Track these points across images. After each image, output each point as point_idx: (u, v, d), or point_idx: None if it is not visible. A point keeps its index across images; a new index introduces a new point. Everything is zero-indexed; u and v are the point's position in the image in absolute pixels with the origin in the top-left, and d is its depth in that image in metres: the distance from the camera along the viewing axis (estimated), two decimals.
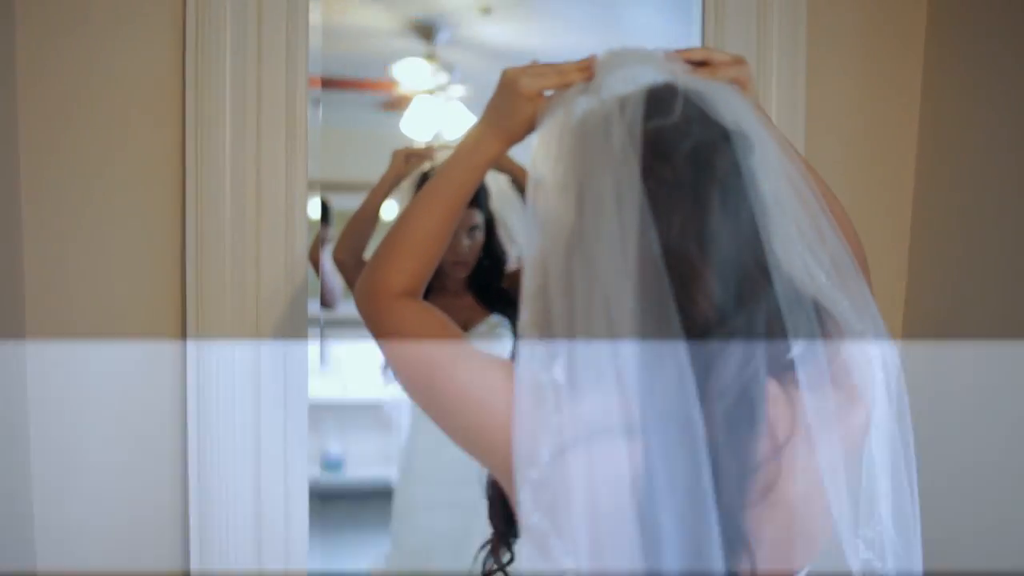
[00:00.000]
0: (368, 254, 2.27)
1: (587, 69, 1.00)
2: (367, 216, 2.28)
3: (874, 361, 0.90)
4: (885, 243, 1.87)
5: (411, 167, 2.32)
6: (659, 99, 0.87)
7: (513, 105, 1.00)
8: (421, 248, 1.03)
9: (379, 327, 1.02)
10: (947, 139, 1.82)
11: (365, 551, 2.94)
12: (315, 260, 2.36)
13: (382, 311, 1.01)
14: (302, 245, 1.65)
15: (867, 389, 0.89)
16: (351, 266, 2.27)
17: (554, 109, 0.97)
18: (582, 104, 0.93)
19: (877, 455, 0.92)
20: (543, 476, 0.85)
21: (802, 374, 0.85)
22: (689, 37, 1.86)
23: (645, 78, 0.92)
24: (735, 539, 0.82)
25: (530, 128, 1.01)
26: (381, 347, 1.02)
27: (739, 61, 1.01)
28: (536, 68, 1.01)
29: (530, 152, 0.97)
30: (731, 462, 0.81)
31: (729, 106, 0.89)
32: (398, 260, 1.02)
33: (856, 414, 0.89)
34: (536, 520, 0.86)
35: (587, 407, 0.83)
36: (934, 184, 1.84)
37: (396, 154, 2.34)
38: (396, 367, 1.01)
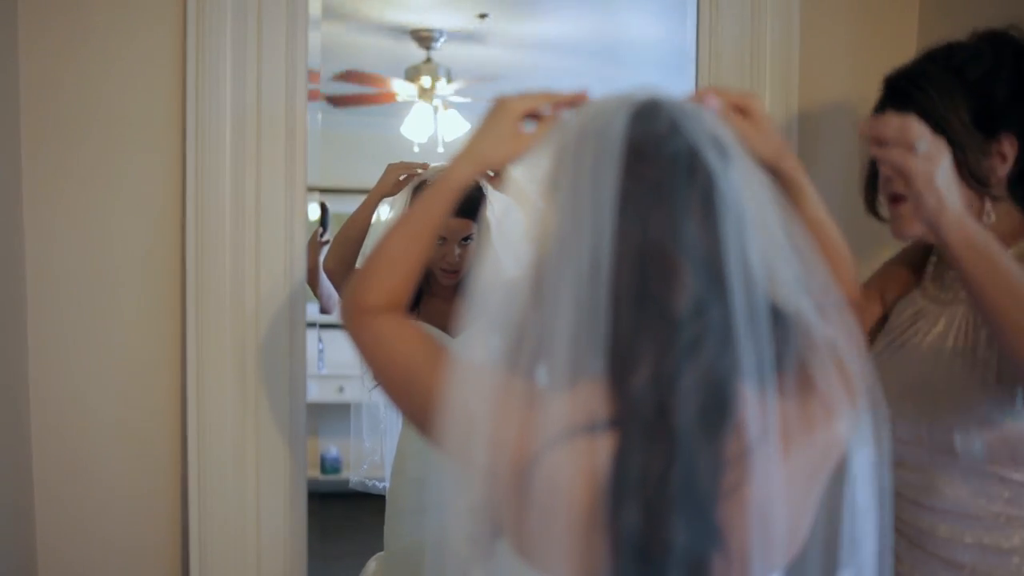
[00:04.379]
0: (359, 264, 2.29)
1: (578, 99, 1.04)
2: (357, 227, 2.30)
3: (852, 380, 0.91)
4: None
5: (400, 187, 2.33)
6: (643, 110, 0.90)
7: (498, 124, 1.04)
8: (395, 268, 1.06)
9: (359, 343, 1.06)
10: None
11: (363, 553, 2.94)
12: (311, 266, 2.38)
13: (361, 327, 1.05)
14: (301, 249, 1.67)
15: (843, 406, 0.90)
16: (341, 276, 2.28)
17: (547, 133, 1.01)
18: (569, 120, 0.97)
19: (861, 495, 0.94)
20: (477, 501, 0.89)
21: (776, 382, 0.87)
22: (684, 37, 1.88)
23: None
24: (707, 533, 0.83)
25: (507, 153, 1.04)
26: (364, 361, 1.06)
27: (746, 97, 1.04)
28: (529, 98, 1.05)
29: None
30: (702, 456, 0.83)
31: (711, 121, 0.92)
32: (374, 279, 1.06)
33: (829, 429, 0.90)
34: (459, 547, 0.90)
35: (557, 410, 0.85)
36: None
37: (389, 169, 2.35)
38: (378, 380, 1.06)
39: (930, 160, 1.03)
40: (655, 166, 0.87)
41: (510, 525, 0.90)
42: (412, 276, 1.07)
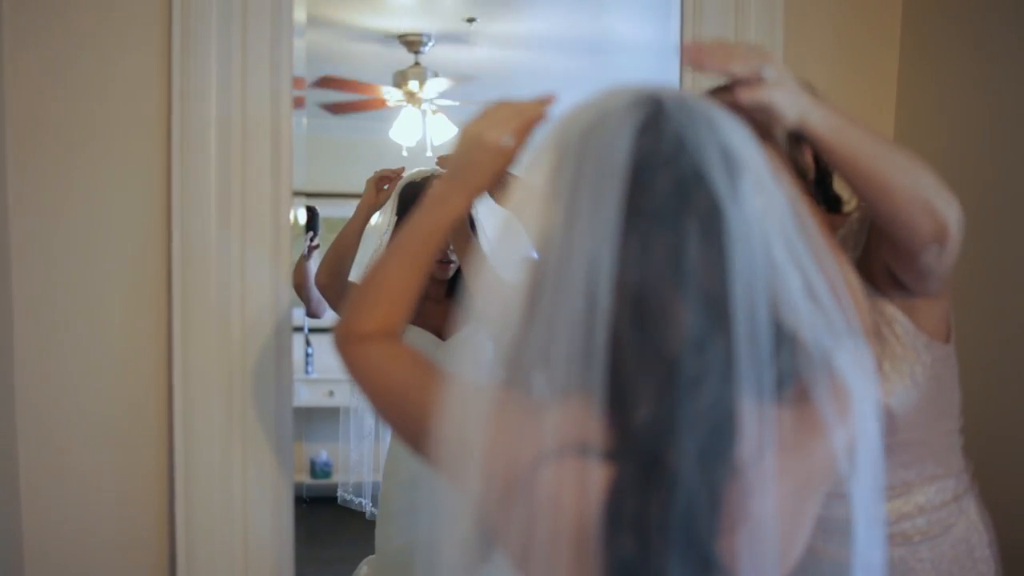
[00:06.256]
0: (351, 276, 2.31)
1: (547, 102, 1.02)
2: (347, 242, 2.34)
3: (847, 397, 0.89)
4: None
5: (383, 196, 2.37)
6: (647, 123, 0.85)
7: (480, 160, 1.02)
8: (391, 298, 1.05)
9: (352, 369, 1.05)
10: (923, 137, 1.87)
11: (354, 557, 2.95)
12: (299, 272, 2.39)
13: (355, 354, 1.04)
14: (287, 254, 1.67)
15: (836, 422, 0.88)
16: (333, 289, 2.31)
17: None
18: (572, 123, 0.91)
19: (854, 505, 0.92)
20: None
21: (776, 409, 0.85)
22: (668, 41, 1.90)
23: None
24: (704, 568, 0.82)
25: (498, 180, 1.03)
26: (358, 387, 1.05)
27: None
28: (495, 115, 1.03)
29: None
30: (700, 492, 0.80)
31: (721, 126, 0.86)
32: (369, 308, 1.05)
33: (823, 445, 0.88)
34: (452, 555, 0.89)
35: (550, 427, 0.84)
36: None
37: (368, 183, 2.38)
38: (373, 405, 1.05)
39: (780, 78, 1.02)
40: (656, 197, 0.83)
41: (503, 541, 0.88)
42: (408, 303, 1.06)
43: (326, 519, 3.52)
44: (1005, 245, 1.68)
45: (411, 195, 2.31)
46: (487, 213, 2.21)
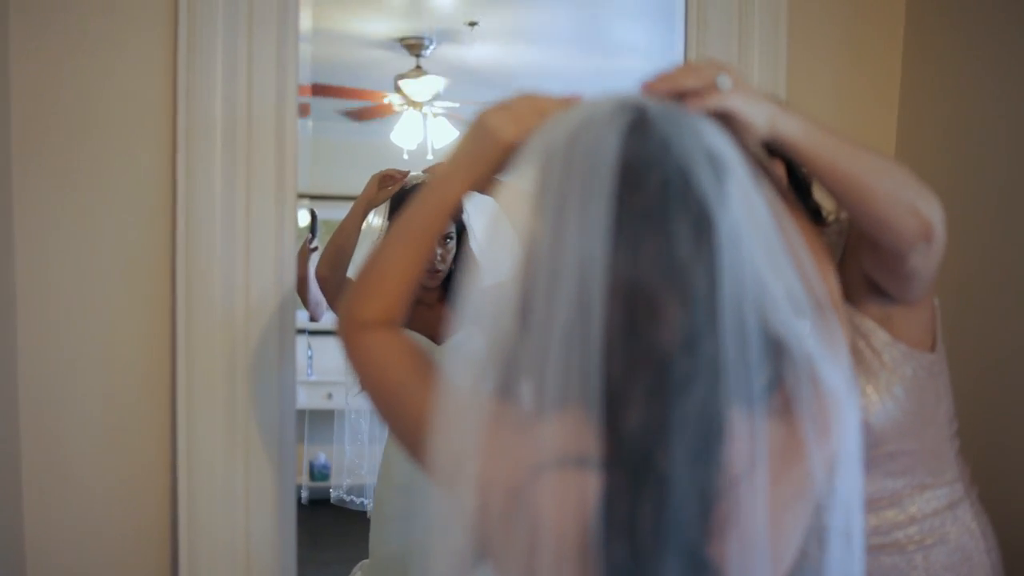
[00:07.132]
0: (350, 271, 2.32)
1: (571, 103, 0.98)
2: (345, 235, 2.36)
3: (838, 406, 0.89)
4: None
5: (384, 194, 2.38)
6: (633, 127, 0.86)
7: (489, 151, 1.00)
8: (390, 285, 1.05)
9: (353, 358, 1.05)
10: (925, 142, 1.88)
11: (351, 559, 2.95)
12: (300, 274, 2.40)
13: (356, 343, 1.04)
14: (291, 257, 1.67)
15: (827, 430, 0.89)
16: (333, 283, 2.32)
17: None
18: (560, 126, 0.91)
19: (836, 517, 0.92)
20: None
21: (765, 406, 0.85)
22: (672, 50, 1.90)
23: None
24: (699, 570, 0.82)
25: (501, 173, 1.01)
26: (357, 378, 1.05)
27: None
28: (515, 108, 1.00)
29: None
30: (691, 495, 0.81)
31: (705, 131, 0.88)
32: (368, 295, 1.05)
33: (813, 454, 0.88)
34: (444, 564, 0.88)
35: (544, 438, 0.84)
36: None
37: (371, 179, 2.40)
38: (369, 397, 1.04)
39: (739, 87, 0.98)
40: (645, 196, 0.83)
41: (502, 555, 0.88)
42: (407, 290, 1.05)
43: (325, 521, 3.52)
44: (1006, 246, 1.68)
45: (401, 198, 2.33)
46: (476, 212, 2.22)
